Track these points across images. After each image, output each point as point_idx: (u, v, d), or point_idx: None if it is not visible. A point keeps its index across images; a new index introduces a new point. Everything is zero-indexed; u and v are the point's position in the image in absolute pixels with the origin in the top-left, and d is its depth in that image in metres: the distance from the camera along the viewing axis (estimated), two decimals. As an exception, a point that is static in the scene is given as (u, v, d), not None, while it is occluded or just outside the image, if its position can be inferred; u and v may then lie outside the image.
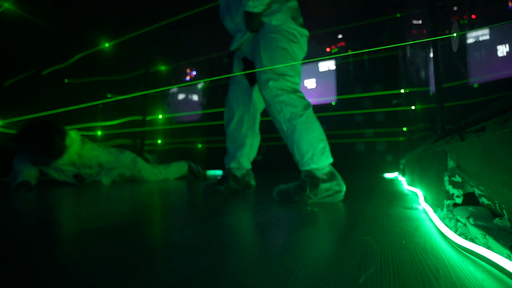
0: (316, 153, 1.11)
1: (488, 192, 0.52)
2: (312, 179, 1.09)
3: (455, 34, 0.91)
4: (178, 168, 2.46)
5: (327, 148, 1.15)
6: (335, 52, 4.77)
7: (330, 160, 1.14)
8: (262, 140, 1.53)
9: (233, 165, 1.46)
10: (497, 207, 0.49)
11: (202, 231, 0.61)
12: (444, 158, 0.68)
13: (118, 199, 1.22)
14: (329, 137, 1.23)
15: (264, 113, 1.38)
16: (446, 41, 0.96)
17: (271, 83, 1.17)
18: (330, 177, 1.10)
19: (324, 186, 1.09)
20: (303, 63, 1.30)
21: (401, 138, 3.70)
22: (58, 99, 2.68)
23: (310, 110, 1.17)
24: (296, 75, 1.22)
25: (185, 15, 2.75)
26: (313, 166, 1.11)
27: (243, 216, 0.80)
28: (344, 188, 1.11)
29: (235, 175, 1.45)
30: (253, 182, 1.53)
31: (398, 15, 3.36)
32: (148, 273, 0.37)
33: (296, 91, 1.19)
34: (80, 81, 2.92)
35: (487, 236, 0.43)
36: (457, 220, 0.57)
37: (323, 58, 4.39)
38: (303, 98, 1.18)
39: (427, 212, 0.77)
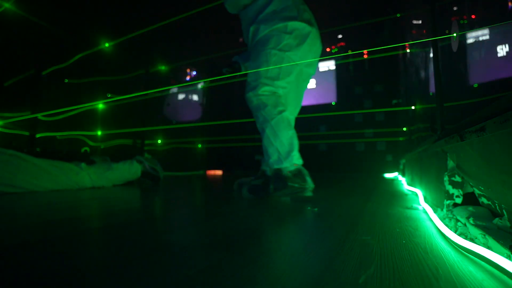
0: (281, 157, 1.17)
1: (488, 192, 0.52)
2: (278, 176, 1.17)
3: (455, 34, 0.91)
4: (121, 173, 1.74)
5: (294, 153, 1.19)
6: (335, 52, 4.77)
7: (296, 162, 1.19)
8: (260, 140, 1.54)
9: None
10: (497, 207, 0.49)
11: (202, 231, 0.61)
12: (444, 158, 0.68)
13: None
14: (329, 137, 1.24)
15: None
16: (446, 41, 0.96)
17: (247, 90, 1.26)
18: (296, 174, 1.17)
19: (289, 183, 1.15)
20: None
21: (401, 138, 3.70)
22: (58, 99, 2.68)
23: (282, 116, 1.20)
24: (277, 78, 1.21)
25: (185, 15, 2.75)
26: (277, 167, 1.18)
27: (242, 217, 0.80)
28: (310, 185, 1.16)
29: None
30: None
31: (398, 15, 3.36)
32: (148, 273, 0.37)
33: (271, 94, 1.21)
34: (80, 81, 2.92)
35: (487, 236, 0.43)
36: (457, 220, 0.57)
37: (323, 58, 4.39)
38: (276, 104, 1.21)
39: (427, 212, 0.77)
